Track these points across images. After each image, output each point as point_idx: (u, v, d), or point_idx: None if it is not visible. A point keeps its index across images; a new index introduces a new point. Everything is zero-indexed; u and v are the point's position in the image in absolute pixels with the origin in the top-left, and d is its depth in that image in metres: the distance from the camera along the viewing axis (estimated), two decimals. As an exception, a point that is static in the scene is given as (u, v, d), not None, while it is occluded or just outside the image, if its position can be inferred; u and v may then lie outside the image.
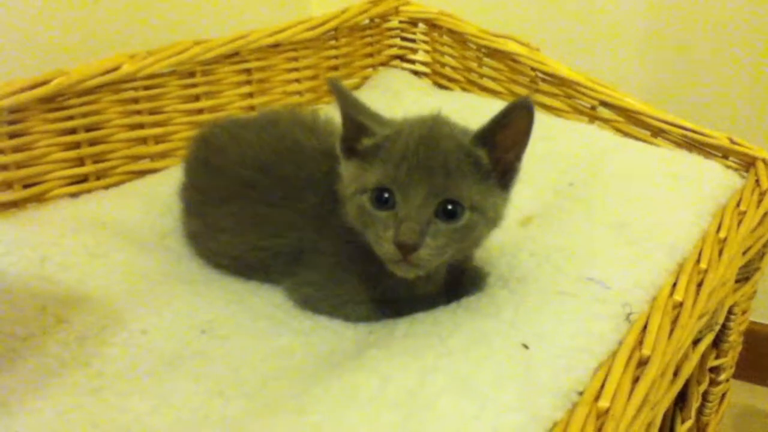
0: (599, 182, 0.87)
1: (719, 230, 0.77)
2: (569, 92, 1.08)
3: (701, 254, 0.71)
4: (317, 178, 0.70)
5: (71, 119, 0.89)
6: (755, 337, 1.31)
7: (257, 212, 0.72)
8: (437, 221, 0.58)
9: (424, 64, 1.28)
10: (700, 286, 0.68)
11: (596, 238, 0.74)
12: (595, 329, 0.59)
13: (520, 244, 0.74)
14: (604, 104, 1.05)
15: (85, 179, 0.92)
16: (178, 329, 0.65)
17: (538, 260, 0.71)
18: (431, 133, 0.61)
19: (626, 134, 1.03)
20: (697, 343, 0.78)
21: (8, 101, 0.82)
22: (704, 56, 1.25)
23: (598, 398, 0.52)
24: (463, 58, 1.21)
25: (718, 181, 0.87)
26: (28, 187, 0.87)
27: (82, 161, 0.92)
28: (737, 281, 0.87)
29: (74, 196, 0.90)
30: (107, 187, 0.93)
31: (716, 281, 0.70)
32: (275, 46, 1.09)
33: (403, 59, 1.30)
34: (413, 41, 1.28)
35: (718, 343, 0.93)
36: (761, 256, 0.90)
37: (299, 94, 1.16)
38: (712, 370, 0.94)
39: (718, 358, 0.94)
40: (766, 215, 0.84)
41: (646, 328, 0.60)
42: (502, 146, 0.61)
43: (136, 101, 0.95)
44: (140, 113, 0.96)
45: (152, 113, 0.98)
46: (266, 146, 0.74)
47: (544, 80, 1.11)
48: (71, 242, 0.74)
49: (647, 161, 0.92)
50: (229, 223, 0.73)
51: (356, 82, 1.24)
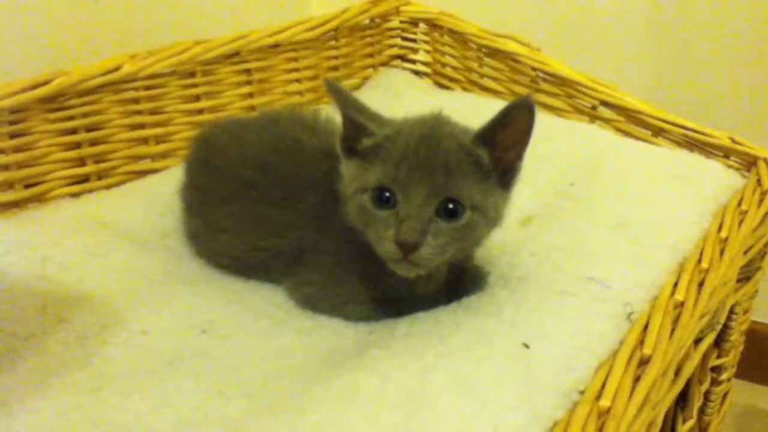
0: (600, 182, 0.87)
1: (720, 230, 0.77)
2: (570, 92, 1.08)
3: (702, 254, 0.71)
4: (318, 177, 0.70)
5: (72, 119, 0.90)
6: (757, 336, 1.31)
7: (258, 212, 0.72)
8: (438, 220, 0.58)
9: (424, 64, 1.28)
10: (701, 285, 0.68)
11: (597, 237, 0.74)
12: (595, 329, 0.59)
13: (520, 243, 0.74)
14: (604, 104, 1.05)
15: (85, 179, 0.92)
16: (178, 329, 0.65)
17: (538, 260, 0.71)
18: (432, 132, 0.61)
19: (627, 134, 1.03)
20: (698, 342, 0.78)
21: (9, 101, 0.82)
22: (705, 55, 1.25)
23: (599, 397, 0.52)
24: (463, 58, 1.21)
25: (719, 180, 0.87)
26: (29, 187, 0.87)
27: (82, 161, 0.92)
28: (738, 281, 0.87)
29: (75, 196, 0.90)
30: (108, 187, 0.93)
31: (717, 281, 0.70)
32: (275, 46, 1.09)
33: (403, 59, 1.30)
34: (414, 41, 1.28)
35: (719, 342, 0.93)
36: (762, 255, 0.90)
37: (299, 94, 1.16)
38: (713, 369, 0.94)
39: (719, 357, 0.94)
40: (767, 215, 0.84)
41: (647, 327, 0.60)
42: (502, 145, 0.61)
43: (136, 101, 0.95)
44: (141, 113, 0.96)
45: (153, 113, 0.98)
46: (267, 146, 0.74)
47: (544, 80, 1.11)
48: (72, 242, 0.74)
49: (648, 161, 0.92)
50: (229, 222, 0.73)
51: (357, 82, 1.24)
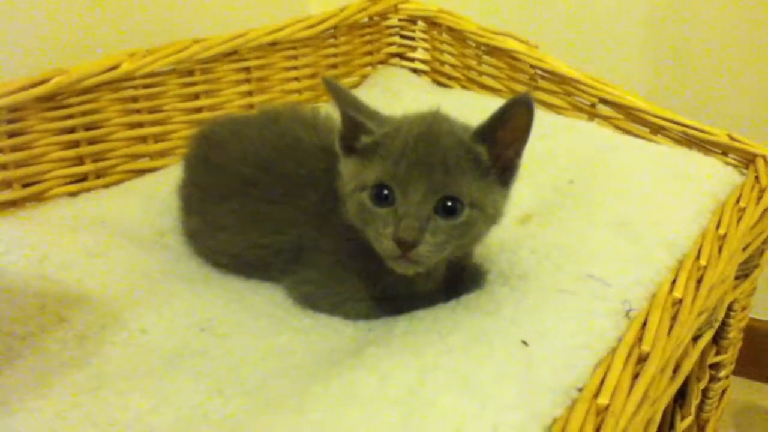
0: (599, 180, 0.87)
1: (719, 227, 0.77)
2: (569, 89, 1.08)
3: (701, 251, 0.71)
4: (317, 175, 0.70)
5: (70, 118, 0.89)
6: (755, 333, 1.31)
7: (257, 209, 0.71)
8: (437, 218, 0.58)
9: (423, 62, 1.28)
10: (699, 282, 0.68)
11: (596, 235, 0.74)
12: (594, 326, 0.59)
13: (520, 241, 0.74)
14: (603, 101, 1.05)
15: (84, 178, 0.92)
16: (177, 328, 0.65)
17: (538, 258, 0.71)
18: (430, 129, 0.61)
19: (626, 131, 1.03)
20: (696, 339, 0.78)
21: (7, 100, 0.82)
22: (704, 53, 1.25)
23: (597, 395, 0.52)
24: (462, 55, 1.21)
25: (717, 177, 0.87)
26: (27, 186, 0.87)
27: (81, 160, 0.92)
28: (737, 278, 0.87)
29: (73, 195, 0.90)
30: (107, 185, 0.93)
31: (716, 278, 0.70)
32: (274, 44, 1.09)
33: (402, 57, 1.30)
34: (412, 39, 1.28)
35: (717, 339, 0.93)
36: (761, 252, 0.90)
37: (298, 92, 1.15)
38: (712, 366, 0.94)
39: (718, 354, 0.94)
40: (765, 212, 0.84)
41: (645, 324, 0.60)
42: (501, 142, 0.61)
43: (135, 100, 0.95)
44: (139, 112, 0.96)
45: (151, 112, 0.98)
46: (266, 143, 0.74)
47: (543, 78, 1.10)
48: (71, 241, 0.74)
49: (647, 158, 0.92)
50: (228, 220, 0.73)
51: (355, 80, 1.24)
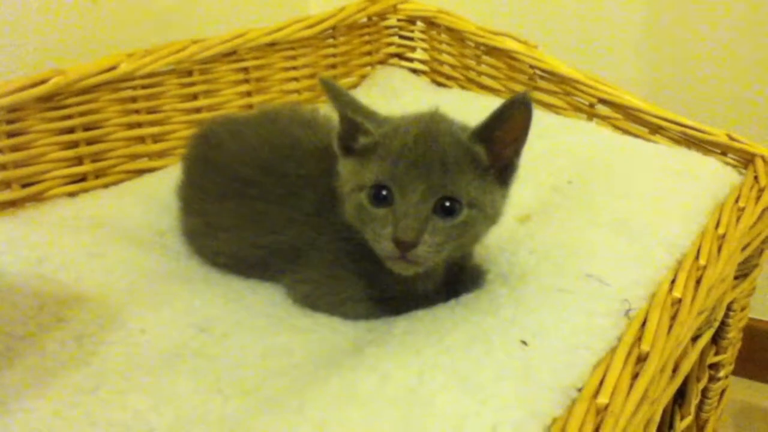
0: (598, 179, 0.87)
1: (718, 227, 0.77)
2: (567, 90, 1.08)
3: (700, 251, 0.71)
4: (316, 175, 0.69)
5: (69, 118, 0.89)
6: (755, 333, 1.31)
7: (256, 209, 0.71)
8: (435, 218, 0.58)
9: (422, 62, 1.28)
10: (698, 282, 0.68)
11: (595, 235, 0.74)
12: (594, 326, 0.59)
13: (519, 241, 0.74)
14: (602, 101, 1.05)
15: (83, 178, 0.92)
16: (176, 327, 0.65)
17: (537, 257, 0.71)
18: (429, 129, 0.61)
19: (625, 131, 1.03)
20: (696, 339, 0.78)
21: (6, 100, 0.82)
22: (703, 53, 1.25)
23: (597, 394, 0.52)
24: (461, 55, 1.21)
25: (716, 177, 0.87)
26: (26, 186, 0.87)
27: (80, 160, 0.92)
28: (736, 278, 0.87)
29: (72, 195, 0.90)
30: (105, 186, 0.93)
31: (715, 278, 0.70)
32: (273, 44, 1.09)
33: (401, 57, 1.30)
34: (411, 39, 1.28)
35: (717, 339, 0.93)
36: (760, 252, 0.90)
37: (297, 92, 1.15)
38: (711, 366, 0.94)
39: (717, 354, 0.94)
40: (764, 211, 0.84)
41: (645, 324, 0.60)
42: (500, 142, 0.61)
43: (134, 100, 0.95)
44: (138, 112, 0.96)
45: (150, 112, 0.98)
46: (265, 143, 0.74)
47: (542, 78, 1.11)
48: (69, 241, 0.74)
49: (646, 158, 0.92)
50: (228, 220, 0.73)
51: (354, 80, 1.24)
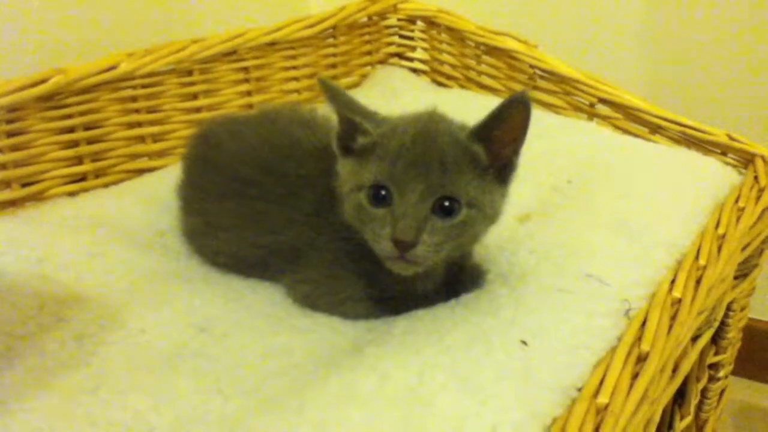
0: (598, 179, 0.87)
1: (718, 227, 0.77)
2: (567, 89, 1.08)
3: (700, 251, 0.71)
4: (315, 175, 0.69)
5: (69, 118, 0.89)
6: (754, 333, 1.31)
7: (256, 209, 0.71)
8: (434, 218, 0.58)
9: (422, 61, 1.28)
10: (698, 282, 0.68)
11: (595, 234, 0.74)
12: (594, 326, 0.59)
13: (519, 241, 0.74)
14: (602, 101, 1.05)
15: (83, 178, 0.92)
16: (176, 327, 0.65)
17: (537, 257, 0.71)
18: (427, 129, 0.61)
19: (625, 131, 1.03)
20: (696, 339, 0.78)
21: (6, 100, 0.82)
22: (703, 53, 1.25)
23: (597, 394, 0.52)
24: (461, 55, 1.21)
25: (716, 177, 0.87)
26: (26, 185, 0.87)
27: (80, 160, 0.92)
28: (736, 278, 0.87)
29: (72, 194, 0.90)
30: (105, 185, 0.93)
31: (715, 278, 0.70)
32: (273, 44, 1.09)
33: (401, 57, 1.30)
34: (411, 39, 1.28)
35: (717, 339, 0.93)
36: (760, 252, 0.90)
37: (297, 92, 1.15)
38: (711, 366, 0.94)
39: (717, 354, 0.94)
40: (764, 212, 0.84)
41: (645, 324, 0.60)
42: (499, 141, 0.61)
43: (134, 100, 0.95)
44: (138, 112, 0.96)
45: (150, 112, 0.98)
46: (265, 143, 0.74)
47: (542, 77, 1.10)
48: (69, 241, 0.74)
49: (646, 158, 0.92)
50: (227, 220, 0.73)
51: (354, 80, 1.24)
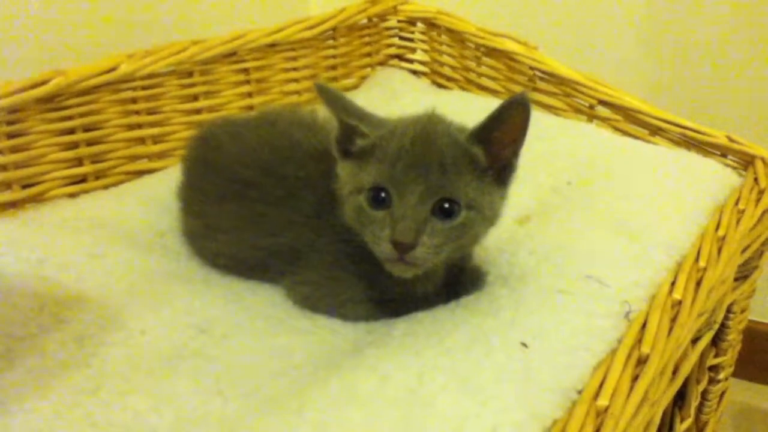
0: (598, 181, 0.87)
1: (718, 228, 0.77)
2: (567, 91, 1.08)
3: (700, 252, 0.71)
4: (315, 177, 0.70)
5: (69, 119, 0.89)
6: (754, 335, 1.31)
7: (256, 211, 0.71)
8: (434, 220, 0.58)
9: (422, 63, 1.28)
10: (699, 284, 0.68)
11: (595, 236, 0.74)
12: (594, 327, 0.59)
13: (519, 242, 0.74)
14: (602, 103, 1.05)
15: (83, 179, 0.92)
16: (176, 328, 0.65)
17: (537, 259, 0.71)
18: (426, 130, 0.61)
19: (625, 133, 1.03)
20: (696, 341, 0.78)
21: (7, 101, 0.82)
22: (703, 54, 1.25)
23: (597, 396, 0.52)
24: (461, 57, 1.21)
25: (716, 179, 0.87)
26: (26, 187, 0.87)
27: (80, 161, 0.92)
28: (736, 280, 0.87)
29: (73, 196, 0.90)
30: (106, 187, 0.93)
31: (715, 279, 0.70)
32: (273, 45, 1.09)
33: (401, 59, 1.30)
34: (411, 40, 1.28)
35: (717, 341, 0.93)
36: (760, 254, 0.90)
37: (297, 93, 1.15)
38: (711, 368, 0.94)
39: (717, 356, 0.94)
40: (764, 213, 0.84)
41: (645, 326, 0.60)
42: (498, 143, 0.61)
43: (134, 101, 0.95)
44: (138, 113, 0.96)
45: (150, 113, 0.98)
46: (265, 145, 0.74)
47: (542, 79, 1.11)
48: (70, 242, 0.74)
49: (646, 160, 0.92)
50: (227, 222, 0.73)
51: (354, 81, 1.24)
